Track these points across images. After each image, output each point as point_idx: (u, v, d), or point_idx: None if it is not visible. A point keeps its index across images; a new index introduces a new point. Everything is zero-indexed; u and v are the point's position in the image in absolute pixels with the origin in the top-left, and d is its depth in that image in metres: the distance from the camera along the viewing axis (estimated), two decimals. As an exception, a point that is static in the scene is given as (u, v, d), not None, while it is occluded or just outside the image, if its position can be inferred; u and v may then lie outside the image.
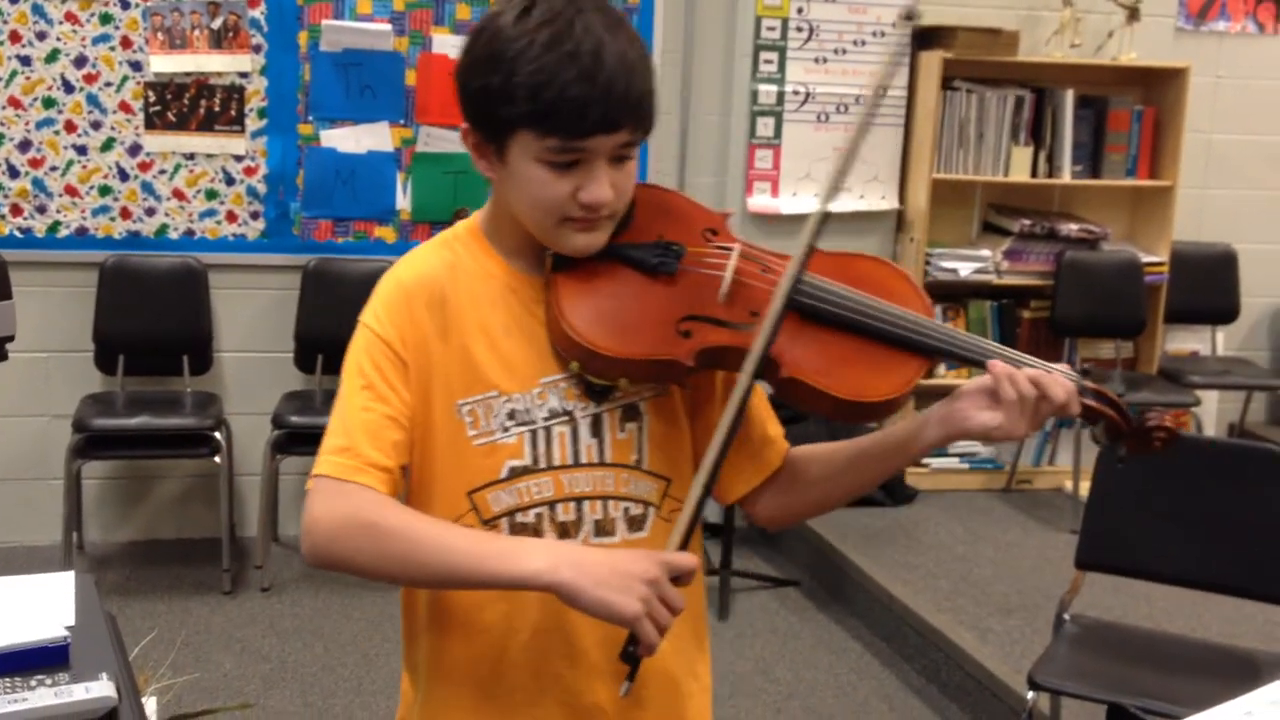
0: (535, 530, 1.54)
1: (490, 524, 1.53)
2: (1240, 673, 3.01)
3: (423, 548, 1.41)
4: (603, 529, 1.55)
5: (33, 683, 1.32)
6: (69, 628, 1.45)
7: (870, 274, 1.58)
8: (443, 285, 1.53)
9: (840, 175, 1.59)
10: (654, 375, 1.52)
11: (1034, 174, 5.25)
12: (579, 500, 1.54)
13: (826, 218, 1.54)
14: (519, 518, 1.53)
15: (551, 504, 1.53)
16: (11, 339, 1.74)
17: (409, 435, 1.50)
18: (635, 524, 1.57)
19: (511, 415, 1.52)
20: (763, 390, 1.63)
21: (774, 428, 1.65)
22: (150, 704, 2.45)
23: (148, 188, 4.62)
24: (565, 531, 1.54)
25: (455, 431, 1.52)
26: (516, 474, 1.53)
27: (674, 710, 1.64)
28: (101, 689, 1.31)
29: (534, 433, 1.53)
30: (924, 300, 1.56)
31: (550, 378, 1.53)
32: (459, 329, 1.52)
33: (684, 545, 1.45)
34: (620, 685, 1.47)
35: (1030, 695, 3.06)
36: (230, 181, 4.67)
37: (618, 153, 1.46)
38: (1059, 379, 1.47)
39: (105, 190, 4.60)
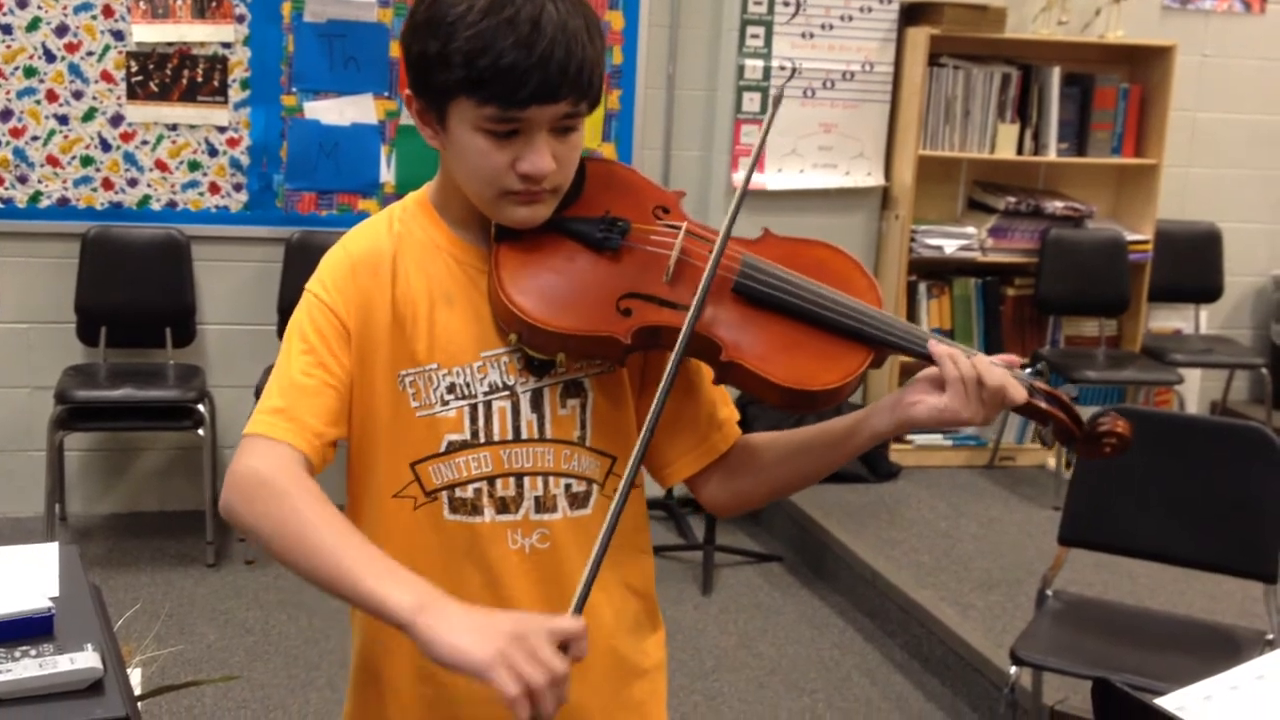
0: (474, 506, 1.52)
1: (431, 496, 1.52)
2: (1220, 648, 3.04)
3: (313, 537, 1.36)
4: (543, 505, 1.54)
5: (17, 654, 1.31)
6: (53, 599, 1.45)
7: (823, 261, 1.56)
8: (389, 257, 1.52)
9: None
10: (592, 352, 1.51)
11: (1020, 151, 5.26)
12: (519, 476, 1.53)
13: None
14: (458, 492, 1.52)
15: (491, 479, 1.52)
16: (-5, 309, 1.73)
17: (345, 404, 1.49)
18: (578, 501, 1.55)
19: (451, 389, 1.51)
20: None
21: (724, 412, 1.63)
22: (135, 676, 2.45)
23: (130, 158, 4.59)
24: (505, 507, 1.53)
25: (399, 402, 1.51)
26: (455, 448, 1.51)
27: (621, 688, 1.63)
28: (87, 660, 1.31)
29: (473, 407, 1.51)
30: (876, 290, 1.55)
31: (491, 351, 1.52)
32: (403, 300, 1.51)
33: (595, 570, 1.36)
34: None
35: (1013, 670, 3.08)
36: (213, 153, 4.64)
37: (560, 124, 1.43)
38: (997, 364, 1.47)
39: (87, 161, 4.57)
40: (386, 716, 1.60)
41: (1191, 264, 5.59)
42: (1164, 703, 1.39)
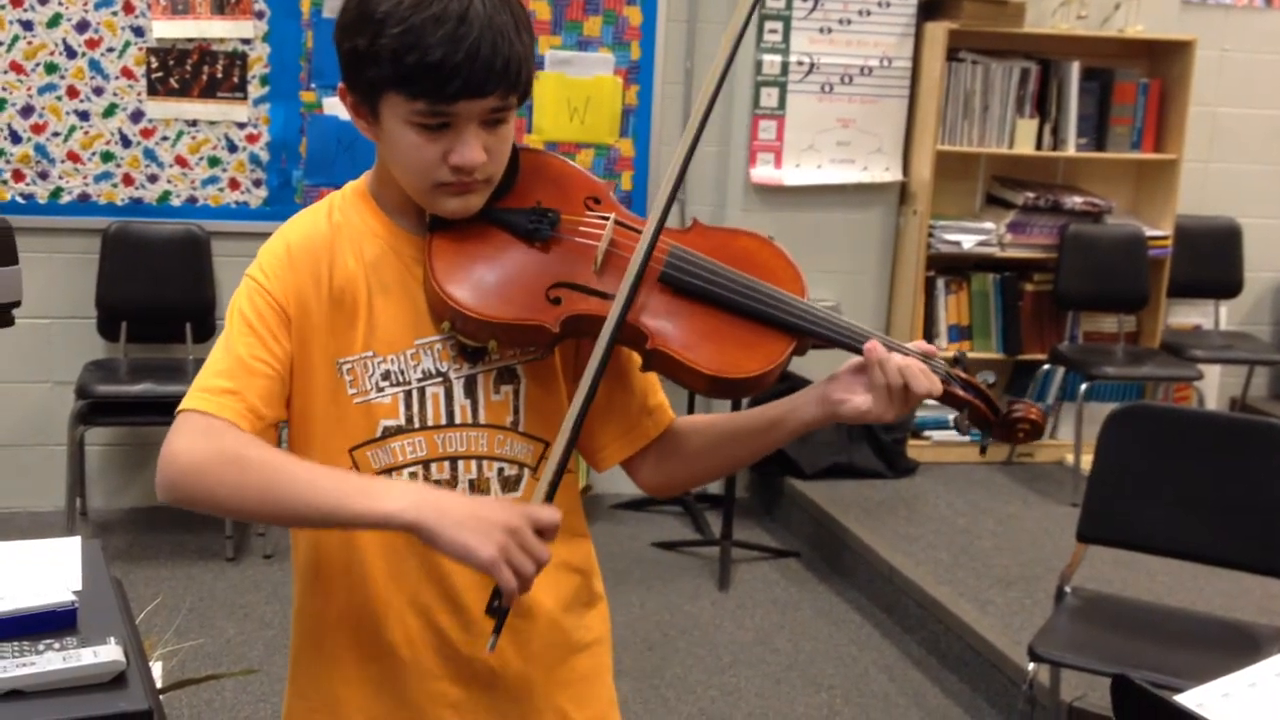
0: None
1: None
2: (1240, 646, 3.03)
3: (285, 481, 1.41)
4: (477, 488, 1.57)
5: (41, 647, 1.32)
6: (76, 592, 1.45)
7: (749, 251, 1.59)
8: (327, 245, 1.55)
9: (689, 152, 1.57)
10: (521, 340, 1.54)
11: (1039, 146, 5.24)
12: (453, 460, 1.56)
13: (679, 184, 1.54)
14: (394, 477, 1.55)
15: (425, 463, 1.55)
16: (18, 304, 1.74)
17: (285, 387, 1.53)
18: (509, 484, 1.58)
19: (386, 376, 1.54)
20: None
21: (655, 398, 1.67)
22: (155, 669, 2.46)
23: (150, 154, 4.61)
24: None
25: (337, 389, 1.54)
26: (390, 433, 1.55)
27: (562, 662, 1.66)
28: (110, 653, 1.31)
29: (408, 393, 1.54)
30: (800, 281, 1.58)
31: (426, 339, 1.55)
32: (340, 288, 1.54)
33: (562, 465, 1.48)
34: (488, 640, 1.47)
35: (1031, 666, 3.08)
36: (233, 149, 4.66)
37: (490, 116, 1.46)
38: (923, 368, 1.50)
39: (108, 157, 4.59)
40: (335, 694, 1.62)
41: (1211, 260, 5.57)
42: (1183, 700, 1.38)
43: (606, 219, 1.56)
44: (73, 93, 4.54)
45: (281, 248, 1.56)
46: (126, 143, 4.59)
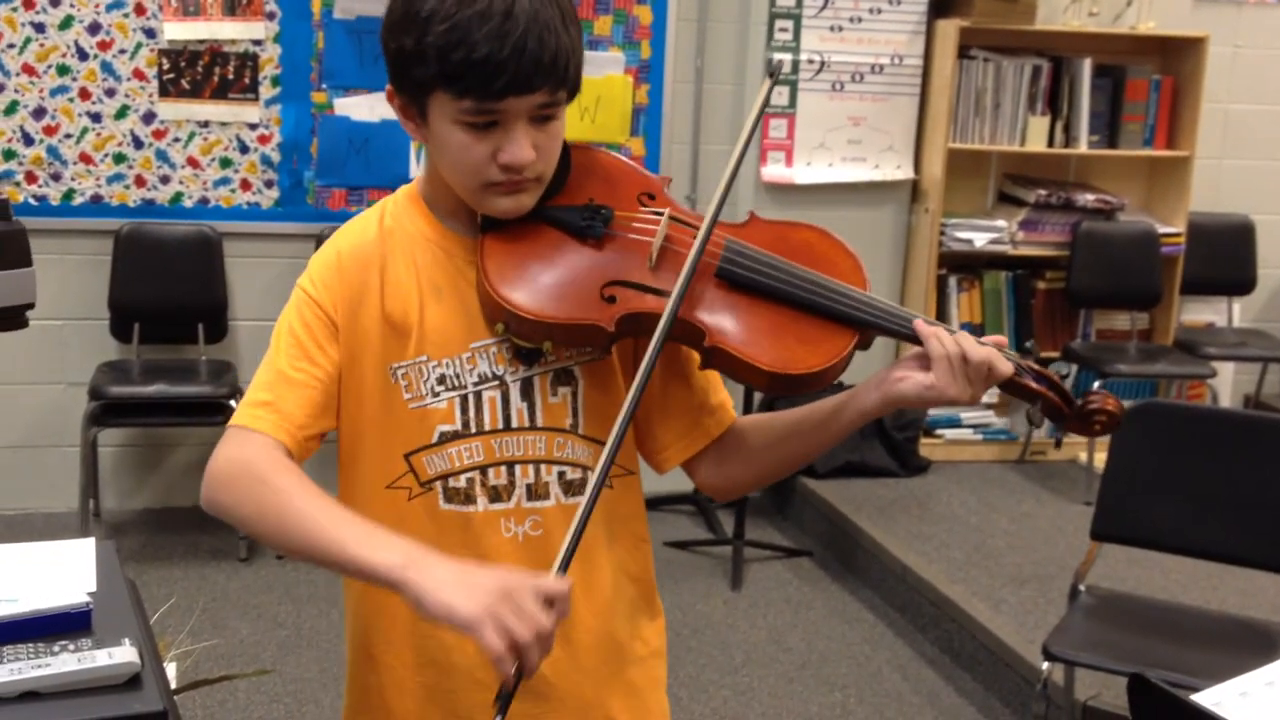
0: (467, 495, 1.54)
1: (426, 486, 1.54)
2: (1255, 644, 3.02)
3: (295, 512, 1.40)
4: (535, 493, 1.55)
5: (55, 648, 1.32)
6: (91, 594, 1.46)
7: (809, 243, 1.57)
8: (379, 251, 1.55)
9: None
10: (577, 340, 1.51)
11: (1050, 144, 5.22)
12: (510, 464, 1.54)
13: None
14: (451, 482, 1.53)
15: (483, 468, 1.53)
16: (31, 306, 1.74)
17: (332, 397, 1.52)
18: (572, 488, 1.56)
19: (441, 380, 1.53)
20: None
21: (716, 397, 1.63)
22: (170, 670, 2.47)
23: (162, 156, 4.62)
24: (498, 495, 1.54)
25: (391, 394, 1.53)
26: (447, 439, 1.53)
27: (616, 674, 1.63)
28: (124, 654, 1.32)
29: (464, 397, 1.53)
30: (861, 272, 1.55)
31: (481, 342, 1.53)
32: (393, 294, 1.53)
33: (579, 535, 1.39)
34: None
35: (1045, 665, 3.07)
36: (244, 150, 4.66)
37: (539, 113, 1.45)
38: (982, 343, 1.48)
39: (120, 158, 4.60)
40: (387, 705, 1.61)
41: (1224, 256, 5.55)
42: (1200, 699, 1.38)
43: (660, 215, 1.54)
44: (85, 94, 4.54)
45: (333, 255, 1.55)
46: (138, 144, 4.60)
